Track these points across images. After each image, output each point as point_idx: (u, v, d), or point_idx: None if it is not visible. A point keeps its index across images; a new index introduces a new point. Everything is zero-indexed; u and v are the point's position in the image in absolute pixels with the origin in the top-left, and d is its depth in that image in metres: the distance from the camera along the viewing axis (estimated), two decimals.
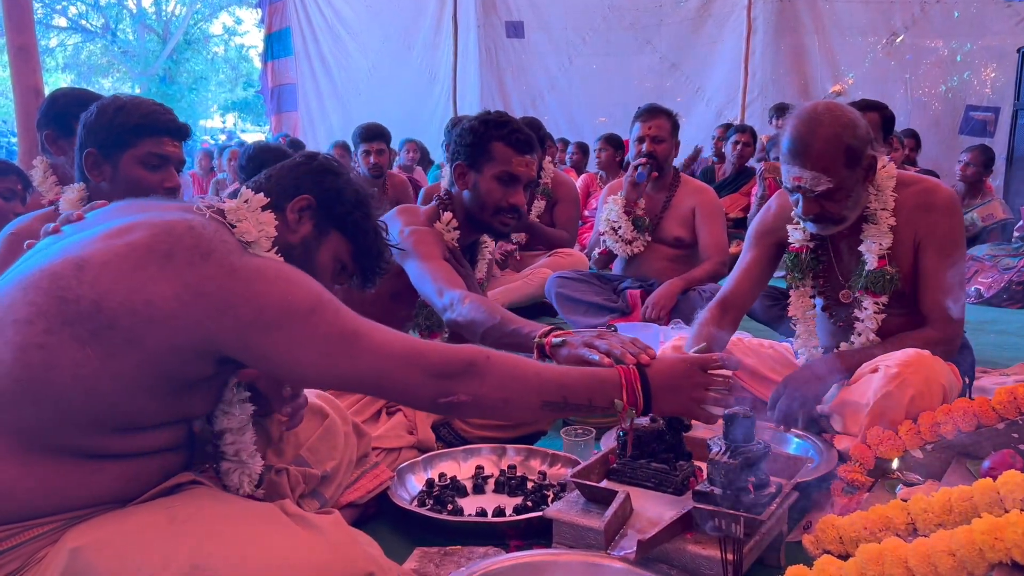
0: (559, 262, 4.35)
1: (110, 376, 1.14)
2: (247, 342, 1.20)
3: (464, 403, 1.31)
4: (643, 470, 1.67)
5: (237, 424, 1.38)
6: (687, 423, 1.69)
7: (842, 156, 2.04)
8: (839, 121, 2.05)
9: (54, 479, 1.15)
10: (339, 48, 10.47)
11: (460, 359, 1.32)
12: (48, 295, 1.14)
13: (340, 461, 1.71)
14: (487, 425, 2.28)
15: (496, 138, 2.27)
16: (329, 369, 1.24)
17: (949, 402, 1.99)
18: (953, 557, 1.22)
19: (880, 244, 2.18)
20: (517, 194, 2.30)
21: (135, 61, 22.94)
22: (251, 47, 24.10)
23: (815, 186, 2.06)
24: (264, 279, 1.22)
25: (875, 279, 2.20)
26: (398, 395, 1.35)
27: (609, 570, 1.46)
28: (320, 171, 1.52)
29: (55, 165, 2.79)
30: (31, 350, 1.13)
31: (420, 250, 2.20)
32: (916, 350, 2.03)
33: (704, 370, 1.48)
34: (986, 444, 1.86)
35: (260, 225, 1.33)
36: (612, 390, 1.42)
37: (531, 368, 1.39)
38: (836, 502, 1.85)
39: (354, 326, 1.26)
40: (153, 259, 1.17)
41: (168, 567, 1.11)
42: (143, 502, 1.24)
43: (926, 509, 1.46)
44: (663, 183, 3.78)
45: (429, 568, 1.63)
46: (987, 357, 3.30)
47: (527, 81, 9.77)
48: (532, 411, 1.40)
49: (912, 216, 2.17)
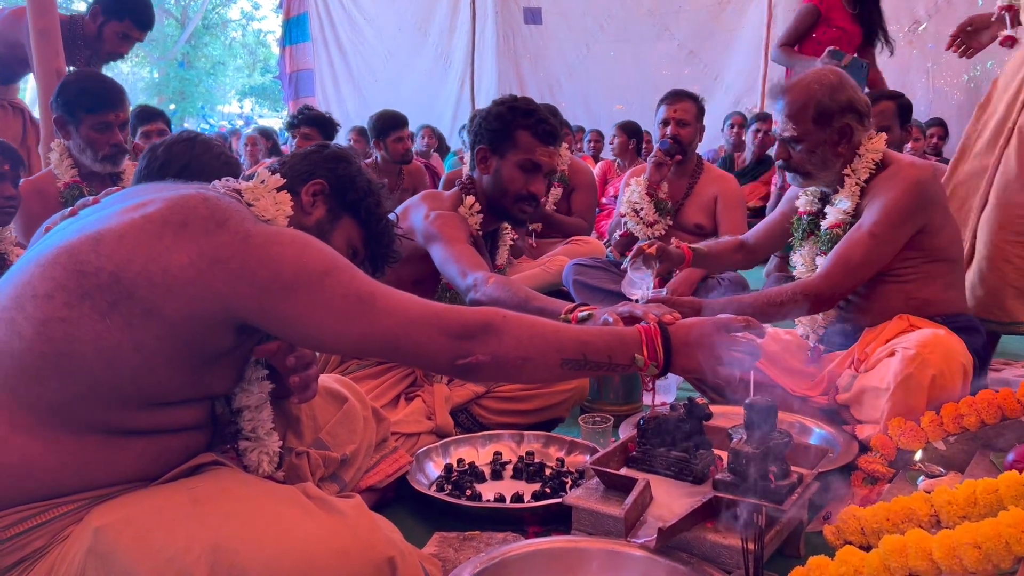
0: (576, 250, 4.34)
1: (132, 348, 1.15)
2: (264, 305, 1.20)
3: (483, 363, 1.29)
4: (663, 458, 1.67)
5: (255, 402, 1.40)
6: (708, 412, 1.68)
7: (810, 110, 2.19)
8: (820, 81, 2.21)
9: (78, 456, 1.16)
10: (356, 34, 10.45)
11: (478, 319, 1.31)
12: (67, 270, 1.16)
13: (359, 445, 1.72)
14: (506, 411, 2.28)
15: (522, 126, 2.26)
16: (346, 331, 1.24)
17: (969, 381, 1.98)
18: (979, 550, 1.20)
19: (841, 208, 2.25)
20: (538, 183, 2.30)
21: (153, 46, 22.96)
22: (269, 32, 24.15)
23: (783, 131, 2.25)
24: (279, 243, 1.22)
25: (824, 237, 2.28)
26: (416, 357, 1.32)
27: (629, 558, 1.45)
28: (334, 158, 1.55)
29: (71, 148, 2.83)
30: (53, 324, 1.14)
31: (446, 233, 2.20)
32: (932, 330, 2.02)
33: (729, 330, 1.45)
34: (1010, 436, 1.84)
35: (277, 204, 1.35)
36: (632, 346, 1.40)
37: (550, 326, 1.38)
38: (856, 493, 1.84)
39: (370, 288, 1.26)
40: (168, 229, 1.18)
41: (191, 548, 1.12)
42: (165, 482, 1.24)
43: (950, 501, 1.44)
44: (686, 169, 3.75)
45: (448, 553, 1.64)
46: (1009, 349, 3.26)
47: (544, 68, 9.72)
48: (552, 370, 1.36)
49: (876, 189, 2.20)
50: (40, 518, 1.14)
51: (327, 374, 1.97)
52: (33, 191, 2.81)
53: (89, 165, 2.84)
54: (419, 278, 2.23)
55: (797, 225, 2.42)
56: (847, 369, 2.20)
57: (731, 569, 1.43)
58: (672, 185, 3.77)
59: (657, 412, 1.71)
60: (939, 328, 2.04)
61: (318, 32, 10.45)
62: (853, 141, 2.22)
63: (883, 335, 2.13)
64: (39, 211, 2.64)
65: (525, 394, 2.28)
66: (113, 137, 2.80)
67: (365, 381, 2.16)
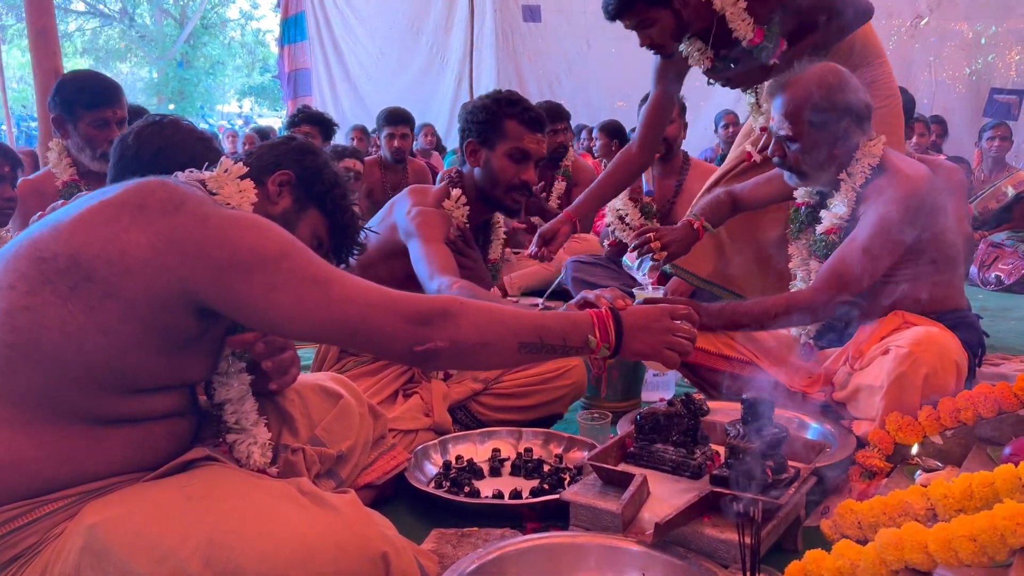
0: (575, 247, 4.34)
1: (96, 331, 1.15)
2: (221, 287, 1.20)
3: (441, 350, 1.29)
4: (660, 454, 1.67)
5: (236, 395, 1.42)
6: (705, 407, 1.68)
7: (805, 111, 2.15)
8: (821, 82, 2.16)
9: (62, 448, 1.17)
10: (349, 33, 10.45)
11: (436, 305, 1.31)
12: (28, 259, 1.17)
13: (355, 441, 1.72)
14: (504, 408, 2.28)
15: (509, 116, 2.28)
16: (303, 315, 1.23)
17: (963, 377, 1.97)
18: (974, 542, 1.20)
19: (836, 213, 2.23)
20: (529, 171, 2.31)
21: (152, 46, 23.00)
22: (268, 31, 24.13)
23: (779, 128, 2.21)
24: (237, 226, 1.23)
25: (819, 242, 2.27)
26: (374, 343, 1.31)
27: (626, 553, 1.45)
28: (300, 150, 1.57)
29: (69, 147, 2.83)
30: (17, 313, 1.14)
31: (423, 232, 2.22)
32: (926, 328, 2.02)
33: (673, 318, 1.49)
34: (1007, 430, 1.84)
35: (241, 192, 1.37)
36: (586, 328, 1.42)
37: (507, 312, 1.40)
38: (854, 488, 1.84)
39: (327, 273, 1.26)
40: (126, 211, 1.19)
41: (185, 543, 1.12)
42: (158, 477, 1.25)
43: (946, 495, 1.44)
44: (673, 167, 3.75)
45: (447, 549, 1.64)
46: (1007, 344, 3.27)
47: (544, 65, 9.71)
48: (510, 354, 1.37)
49: (870, 197, 2.17)
50: (31, 515, 1.15)
51: (323, 372, 1.98)
52: (32, 191, 2.81)
53: (87, 164, 2.84)
54: (412, 273, 2.24)
55: (795, 216, 2.41)
56: (843, 366, 2.20)
57: (728, 563, 1.43)
58: (660, 185, 3.77)
59: (654, 408, 1.71)
60: (933, 325, 2.04)
61: (315, 31, 10.45)
62: (849, 144, 2.19)
63: (878, 332, 2.12)
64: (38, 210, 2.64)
65: (523, 390, 2.28)
66: (111, 134, 2.76)
67: (362, 379, 2.16)
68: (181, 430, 1.33)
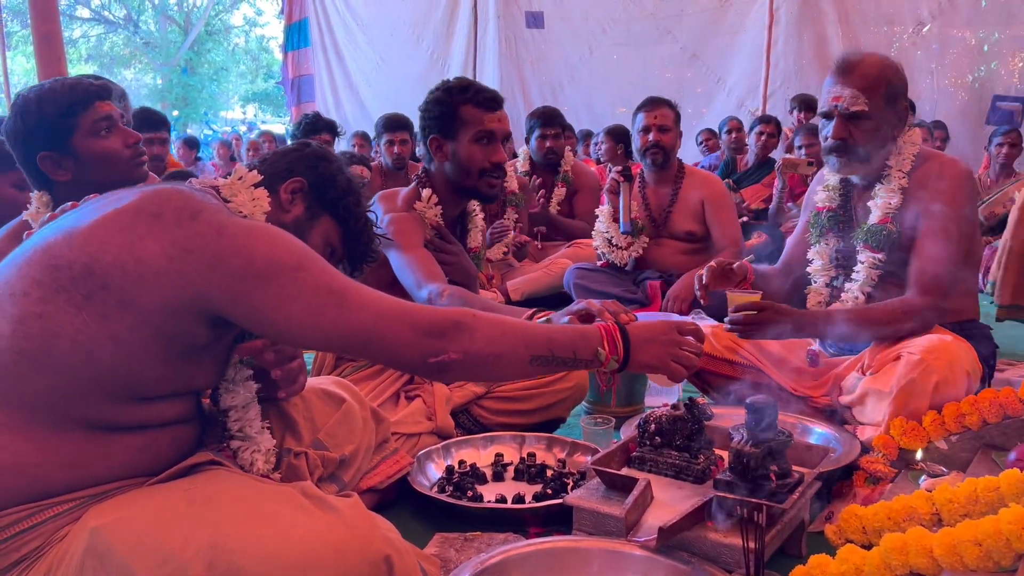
0: (578, 253, 4.34)
1: (108, 340, 1.15)
2: (236, 297, 1.20)
3: (454, 362, 1.30)
4: (664, 459, 1.66)
5: (241, 402, 1.42)
6: (709, 412, 1.68)
7: (883, 86, 2.14)
8: (887, 61, 2.19)
9: (66, 453, 1.16)
10: (350, 39, 10.50)
11: (449, 317, 1.32)
12: (41, 266, 1.17)
13: (358, 445, 1.72)
14: (506, 411, 2.28)
15: (463, 102, 2.28)
16: (317, 325, 1.24)
17: (973, 388, 1.96)
18: (980, 547, 1.20)
19: (888, 202, 2.19)
20: (497, 152, 2.31)
21: (157, 52, 23.10)
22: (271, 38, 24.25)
23: (851, 105, 2.12)
24: (252, 236, 1.23)
25: (874, 233, 2.21)
26: (387, 354, 1.32)
27: (629, 557, 1.45)
28: (314, 157, 1.56)
29: None
30: (30, 320, 1.14)
31: (400, 240, 2.22)
32: (939, 336, 2.01)
33: (681, 333, 1.53)
34: (1012, 435, 1.84)
35: (254, 200, 1.37)
36: (595, 341, 1.45)
37: (518, 325, 1.42)
38: (859, 493, 1.83)
39: (342, 284, 1.26)
40: (141, 219, 1.19)
41: (187, 546, 1.12)
42: (162, 481, 1.25)
43: (951, 499, 1.44)
44: (668, 176, 3.74)
45: (450, 553, 1.63)
46: (1013, 350, 3.26)
47: (547, 71, 9.72)
48: (521, 366, 1.39)
49: (923, 184, 2.16)
50: (35, 519, 1.15)
51: (324, 376, 1.98)
52: None
53: None
54: (394, 279, 2.24)
55: (815, 221, 2.37)
56: (855, 372, 2.18)
57: (732, 568, 1.42)
58: (656, 194, 3.77)
59: (658, 412, 1.71)
60: (947, 334, 2.03)
61: (318, 37, 10.50)
62: (903, 129, 2.19)
63: None
64: None
65: (524, 394, 2.27)
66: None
67: (363, 383, 2.16)
68: (186, 436, 1.32)
